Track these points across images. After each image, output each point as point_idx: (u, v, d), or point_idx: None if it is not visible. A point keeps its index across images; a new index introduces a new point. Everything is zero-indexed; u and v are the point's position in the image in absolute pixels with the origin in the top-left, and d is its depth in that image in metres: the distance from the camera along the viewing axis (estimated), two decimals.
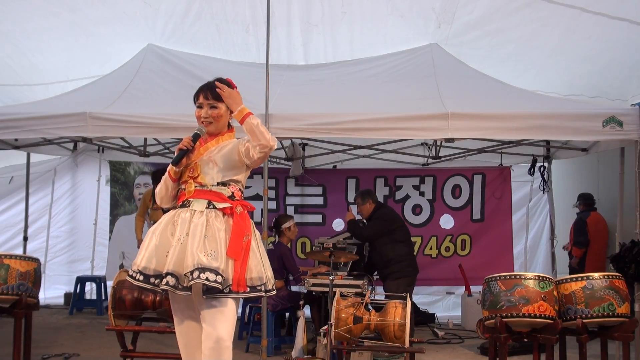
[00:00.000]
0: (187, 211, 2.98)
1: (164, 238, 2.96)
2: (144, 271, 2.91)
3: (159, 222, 3.06)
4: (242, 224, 2.97)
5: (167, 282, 2.84)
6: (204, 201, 3.00)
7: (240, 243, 2.93)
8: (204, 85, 3.17)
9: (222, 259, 2.87)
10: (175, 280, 2.84)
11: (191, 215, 2.96)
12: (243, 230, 2.96)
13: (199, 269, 2.81)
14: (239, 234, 2.94)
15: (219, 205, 2.99)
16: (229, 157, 3.06)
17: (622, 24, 5.88)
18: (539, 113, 5.46)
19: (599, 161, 7.38)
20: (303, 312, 5.72)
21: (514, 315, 4.23)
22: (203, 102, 3.12)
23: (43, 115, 5.70)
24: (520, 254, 8.27)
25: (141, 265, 2.93)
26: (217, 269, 2.83)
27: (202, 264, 2.81)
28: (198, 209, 2.98)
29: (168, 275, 2.85)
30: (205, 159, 3.07)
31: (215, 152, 3.08)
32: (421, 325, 7.41)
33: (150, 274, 2.91)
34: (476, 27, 6.48)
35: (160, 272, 2.89)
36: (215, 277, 2.81)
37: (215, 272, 2.82)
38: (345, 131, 5.61)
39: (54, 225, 8.62)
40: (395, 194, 8.17)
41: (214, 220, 2.95)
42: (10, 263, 4.62)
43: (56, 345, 6.06)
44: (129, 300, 4.63)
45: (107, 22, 6.61)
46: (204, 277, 2.79)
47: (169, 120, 5.53)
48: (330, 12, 6.43)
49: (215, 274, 2.81)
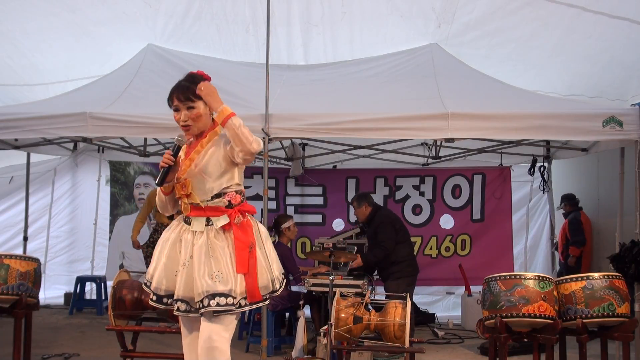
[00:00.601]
0: (189, 232, 2.92)
1: (172, 256, 2.93)
2: (156, 292, 2.94)
3: (166, 238, 2.99)
4: (243, 236, 2.89)
5: (179, 308, 2.85)
6: (202, 219, 2.91)
7: (246, 255, 2.86)
8: (175, 85, 2.98)
9: (231, 278, 2.83)
10: (185, 306, 2.86)
11: (193, 236, 2.90)
12: (246, 242, 2.89)
13: (209, 296, 2.78)
14: (242, 247, 2.87)
15: (217, 222, 2.89)
16: (217, 165, 2.91)
17: (622, 23, 5.88)
18: (539, 113, 5.46)
19: (599, 161, 7.38)
20: (303, 312, 5.72)
21: (514, 315, 4.23)
22: (178, 104, 2.92)
23: (43, 115, 5.70)
24: (520, 254, 8.27)
25: (153, 285, 2.95)
26: (227, 292, 2.80)
27: (211, 290, 2.78)
28: (198, 229, 2.90)
29: (179, 302, 2.85)
30: (194, 172, 2.91)
31: (203, 161, 2.91)
32: (421, 325, 7.41)
33: (162, 295, 2.93)
34: (476, 27, 6.48)
35: (171, 291, 2.91)
36: (225, 301, 2.79)
37: (225, 295, 2.79)
38: (345, 131, 5.61)
39: (54, 225, 8.63)
40: (395, 194, 8.17)
41: (215, 240, 2.88)
42: (10, 263, 4.61)
43: (56, 345, 6.06)
44: (129, 300, 4.63)
45: (107, 22, 6.61)
46: (214, 303, 2.77)
47: (169, 120, 5.47)
48: (330, 12, 6.43)
49: (225, 297, 2.79)
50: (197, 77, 2.98)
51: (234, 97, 5.73)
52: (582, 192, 7.97)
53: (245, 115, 5.46)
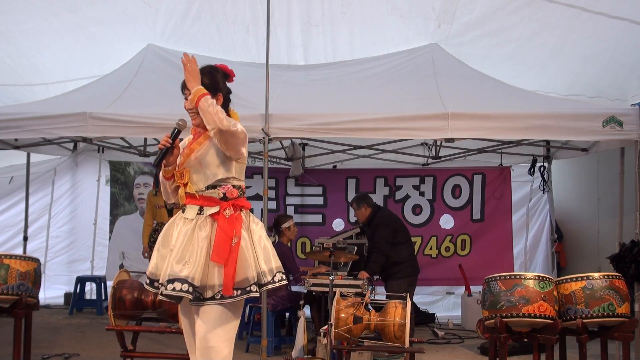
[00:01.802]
0: (182, 218, 2.99)
1: (165, 242, 3.01)
2: (150, 276, 3.01)
3: (170, 223, 3.08)
4: (228, 227, 2.90)
5: (162, 292, 2.88)
6: (195, 207, 2.97)
7: (226, 247, 2.86)
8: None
9: (199, 267, 2.83)
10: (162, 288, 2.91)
11: (183, 222, 2.96)
12: (229, 233, 2.89)
13: (169, 279, 2.83)
14: (224, 238, 2.87)
15: (207, 211, 2.94)
16: (212, 157, 2.97)
17: (622, 23, 5.87)
18: (539, 113, 5.46)
19: (599, 161, 7.38)
20: (303, 312, 5.72)
21: (514, 315, 4.23)
22: (187, 93, 3.01)
23: (43, 115, 5.70)
24: (520, 254, 8.27)
25: (149, 271, 3.02)
26: (186, 278, 2.80)
27: (173, 275, 2.82)
28: (189, 216, 2.96)
29: (155, 282, 2.97)
30: (193, 162, 3.00)
31: (202, 151, 2.99)
32: (421, 325, 7.41)
33: (154, 279, 3.00)
34: (476, 27, 6.48)
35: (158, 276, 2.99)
36: (181, 286, 2.79)
37: (183, 281, 2.80)
38: (345, 131, 5.61)
39: (53, 225, 8.62)
40: (395, 194, 8.17)
41: (199, 229, 2.91)
42: (10, 263, 4.62)
43: (56, 345, 6.06)
44: (129, 300, 4.63)
45: (107, 22, 6.60)
46: (171, 287, 2.80)
47: (169, 120, 5.51)
48: (330, 12, 6.43)
49: (182, 282, 2.79)
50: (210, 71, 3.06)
51: (234, 97, 5.65)
52: (582, 192, 7.97)
53: (245, 115, 5.45)
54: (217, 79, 3.08)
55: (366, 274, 5.94)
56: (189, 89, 2.96)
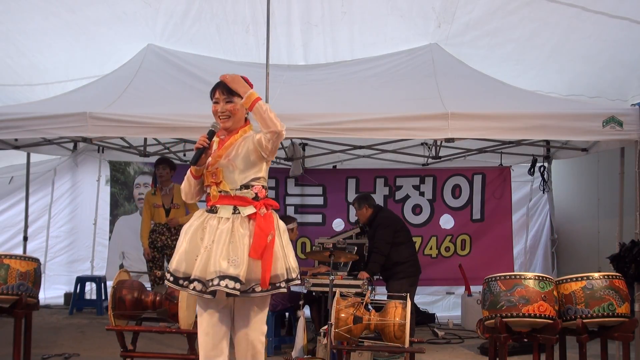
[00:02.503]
0: (215, 218, 3.10)
1: (193, 242, 3.09)
2: (174, 273, 3.09)
3: (189, 225, 3.16)
4: (264, 225, 3.08)
5: (194, 288, 3.01)
6: (229, 207, 3.11)
7: (263, 243, 3.04)
8: (218, 82, 3.24)
9: (244, 264, 3.00)
10: (201, 286, 3.02)
11: (218, 222, 3.08)
12: (266, 230, 3.07)
13: (220, 276, 2.96)
14: (261, 235, 3.05)
15: (244, 211, 3.10)
16: (247, 157, 3.13)
17: (622, 23, 5.87)
18: (539, 113, 5.46)
19: (599, 161, 7.37)
20: (303, 312, 5.72)
21: (514, 315, 4.23)
22: (219, 97, 3.19)
23: (43, 115, 5.69)
24: (520, 254, 8.27)
25: (172, 268, 3.11)
26: (237, 275, 2.96)
27: (223, 272, 2.96)
28: (224, 215, 3.10)
29: (195, 281, 3.02)
30: (224, 163, 3.14)
31: (233, 153, 3.15)
32: (421, 325, 7.41)
33: (180, 277, 3.07)
34: (476, 26, 6.48)
35: (189, 274, 3.06)
36: (234, 285, 2.95)
37: (234, 279, 2.96)
38: (345, 131, 5.61)
39: (53, 225, 8.62)
40: (395, 194, 8.17)
41: (239, 227, 3.07)
42: (10, 263, 4.62)
43: (56, 345, 6.06)
44: (129, 300, 4.64)
45: (107, 22, 6.60)
46: (224, 284, 2.94)
47: (169, 120, 5.53)
48: (330, 12, 6.42)
49: (234, 281, 2.96)
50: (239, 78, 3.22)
51: None
52: (582, 192, 7.97)
53: None
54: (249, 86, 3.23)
55: (366, 274, 5.95)
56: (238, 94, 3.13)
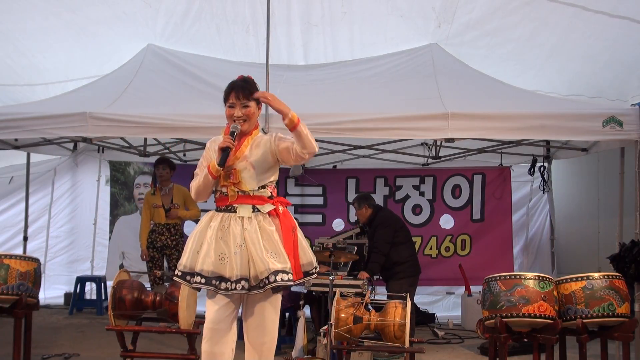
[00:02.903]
0: (236, 218, 3.18)
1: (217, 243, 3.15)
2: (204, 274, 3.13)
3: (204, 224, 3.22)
4: (287, 221, 3.26)
5: (243, 287, 3.11)
6: (248, 206, 3.21)
7: (291, 238, 3.22)
8: (234, 84, 3.30)
9: (285, 257, 3.14)
10: (247, 284, 3.11)
11: (242, 221, 3.17)
12: (289, 226, 3.25)
13: (273, 272, 3.08)
14: (288, 230, 3.22)
15: (263, 209, 3.23)
16: (264, 160, 3.25)
17: (622, 22, 5.86)
18: (539, 113, 5.46)
19: (599, 161, 7.37)
20: (303, 312, 5.72)
21: (514, 315, 4.23)
22: (235, 101, 3.26)
23: (43, 115, 5.69)
24: (520, 254, 8.28)
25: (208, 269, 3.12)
26: (286, 269, 3.12)
27: (273, 268, 3.09)
28: (245, 215, 3.19)
29: (242, 280, 3.10)
30: (242, 165, 3.22)
31: (250, 156, 3.24)
32: (421, 325, 7.41)
33: (210, 276, 3.13)
34: (476, 26, 6.48)
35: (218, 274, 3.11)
36: (288, 277, 3.12)
37: (286, 272, 3.12)
38: (345, 131, 5.61)
39: (53, 225, 8.62)
40: (395, 194, 8.17)
41: (264, 224, 3.19)
42: (10, 263, 4.62)
43: (56, 345, 6.06)
44: (129, 300, 4.64)
45: (107, 22, 6.60)
46: (280, 278, 3.09)
47: (169, 120, 5.53)
48: (330, 12, 6.43)
49: (286, 273, 3.12)
50: (252, 81, 3.34)
51: None
52: (582, 192, 7.97)
53: None
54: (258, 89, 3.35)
55: (366, 274, 5.95)
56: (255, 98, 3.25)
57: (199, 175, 3.29)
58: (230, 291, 3.11)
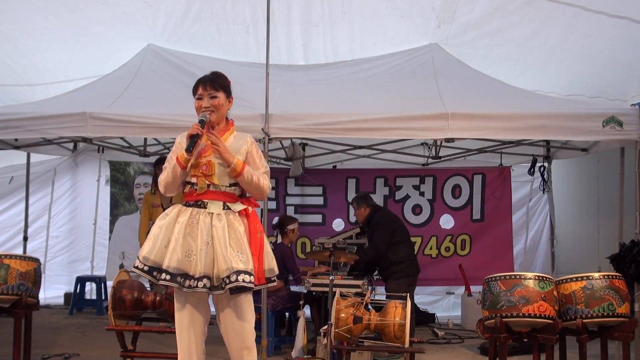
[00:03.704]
0: (206, 214, 3.12)
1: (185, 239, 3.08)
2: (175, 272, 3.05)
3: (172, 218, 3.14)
4: (255, 222, 3.19)
5: (205, 285, 3.02)
6: (219, 203, 3.15)
7: (257, 240, 3.15)
8: (202, 77, 3.29)
9: (250, 259, 3.08)
10: (210, 282, 3.04)
11: (211, 218, 3.10)
12: (257, 227, 3.19)
13: (235, 272, 3.00)
14: (255, 232, 3.16)
15: (234, 207, 3.17)
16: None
17: (622, 22, 5.87)
18: (539, 113, 5.46)
19: (599, 161, 7.37)
20: (303, 312, 5.72)
21: (514, 315, 4.23)
22: (203, 93, 3.24)
23: (43, 115, 5.70)
24: (520, 254, 8.27)
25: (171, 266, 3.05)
26: (250, 270, 3.05)
27: (236, 268, 3.01)
28: (215, 211, 3.12)
29: (204, 278, 3.02)
30: (218, 158, 3.17)
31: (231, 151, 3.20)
32: (421, 325, 7.41)
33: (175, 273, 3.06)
34: (476, 26, 6.48)
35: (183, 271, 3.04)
36: (249, 279, 3.03)
37: (248, 273, 3.04)
38: (345, 131, 5.61)
39: (53, 225, 8.62)
40: (395, 194, 8.17)
41: (234, 222, 3.12)
42: (10, 263, 4.61)
43: (56, 345, 6.06)
44: (129, 300, 4.63)
45: (107, 22, 6.60)
46: (241, 279, 3.00)
47: (169, 120, 5.53)
48: (330, 12, 6.43)
49: (248, 275, 3.04)
50: (221, 75, 3.35)
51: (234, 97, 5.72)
52: (582, 192, 7.97)
53: (245, 115, 5.47)
54: (229, 84, 3.36)
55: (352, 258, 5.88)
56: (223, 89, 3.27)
57: (167, 168, 3.23)
58: (192, 289, 3.02)
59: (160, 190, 3.32)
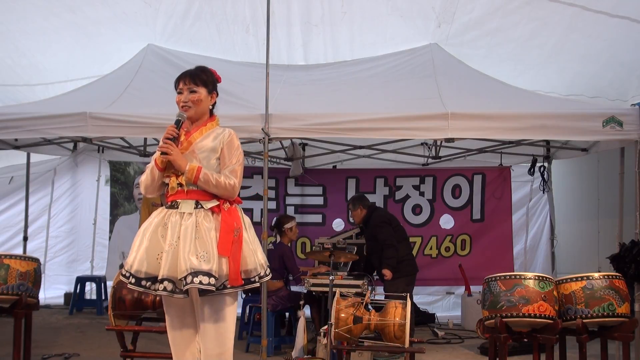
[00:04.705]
0: (177, 214, 2.98)
1: (154, 240, 2.96)
2: (136, 274, 2.94)
3: (149, 221, 3.04)
4: (230, 220, 2.97)
5: (165, 288, 2.88)
6: (191, 202, 3.00)
7: (230, 239, 2.93)
8: (183, 72, 3.20)
9: (215, 259, 2.87)
10: (172, 285, 2.88)
11: (181, 217, 2.96)
12: (232, 225, 2.96)
13: (192, 273, 2.82)
14: (228, 230, 2.94)
15: (206, 204, 2.99)
16: (210, 156, 3.07)
17: (622, 22, 5.87)
18: (539, 113, 5.46)
19: (599, 161, 7.37)
20: (303, 312, 5.72)
21: (514, 315, 4.23)
22: (182, 87, 3.15)
23: (43, 115, 5.69)
24: (520, 254, 8.28)
25: (133, 268, 2.94)
26: (209, 271, 2.84)
27: (195, 268, 2.83)
28: (187, 210, 2.97)
29: (165, 281, 2.88)
30: (189, 155, 3.06)
31: (199, 146, 3.08)
32: (421, 325, 7.41)
33: (142, 277, 2.94)
34: (476, 26, 6.48)
35: (152, 275, 2.92)
36: (208, 280, 2.83)
37: (208, 274, 2.84)
38: (345, 131, 5.61)
39: (53, 225, 8.63)
40: (395, 194, 8.17)
41: (203, 221, 2.94)
42: (10, 263, 4.61)
43: (56, 345, 6.06)
44: (129, 300, 4.63)
45: (107, 22, 6.60)
46: (197, 280, 2.81)
47: (169, 121, 5.42)
48: (330, 12, 6.43)
49: (208, 276, 2.84)
50: (206, 70, 3.21)
51: (234, 97, 5.73)
52: (582, 192, 7.97)
53: (246, 115, 5.47)
54: (214, 80, 3.23)
55: (389, 272, 5.91)
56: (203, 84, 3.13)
57: (147, 169, 3.15)
58: (149, 290, 2.93)
59: (142, 192, 3.24)
